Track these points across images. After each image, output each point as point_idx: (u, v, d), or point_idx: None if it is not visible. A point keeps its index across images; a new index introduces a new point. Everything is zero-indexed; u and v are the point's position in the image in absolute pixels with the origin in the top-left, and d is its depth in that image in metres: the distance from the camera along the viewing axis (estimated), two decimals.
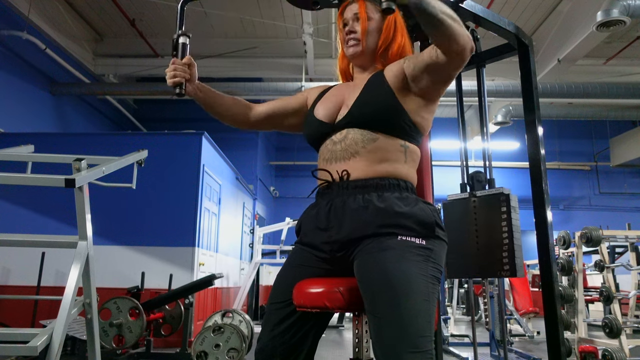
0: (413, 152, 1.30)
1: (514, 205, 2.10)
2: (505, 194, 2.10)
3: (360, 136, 1.26)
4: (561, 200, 10.70)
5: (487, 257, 2.09)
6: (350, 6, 1.39)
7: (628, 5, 5.06)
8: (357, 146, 1.25)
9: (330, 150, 1.30)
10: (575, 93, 7.01)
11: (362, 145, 1.25)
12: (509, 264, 2.01)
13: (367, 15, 1.35)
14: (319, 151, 1.36)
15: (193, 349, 3.14)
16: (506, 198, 2.09)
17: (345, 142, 1.27)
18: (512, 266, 2.00)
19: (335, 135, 1.30)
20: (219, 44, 7.58)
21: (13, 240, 1.93)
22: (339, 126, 1.30)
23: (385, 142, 1.25)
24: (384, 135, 1.25)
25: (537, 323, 6.30)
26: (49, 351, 1.60)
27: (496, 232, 2.07)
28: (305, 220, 1.33)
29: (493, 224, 2.09)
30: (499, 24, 2.04)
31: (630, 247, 4.90)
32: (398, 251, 1.14)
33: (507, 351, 2.46)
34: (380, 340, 1.07)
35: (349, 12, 1.38)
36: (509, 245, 2.03)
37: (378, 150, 1.25)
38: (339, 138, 1.29)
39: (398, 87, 1.27)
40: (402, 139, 1.27)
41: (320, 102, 1.41)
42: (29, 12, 6.01)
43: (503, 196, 2.10)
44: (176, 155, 5.02)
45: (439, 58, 1.17)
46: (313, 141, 1.38)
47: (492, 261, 2.06)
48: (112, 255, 4.67)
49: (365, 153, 1.24)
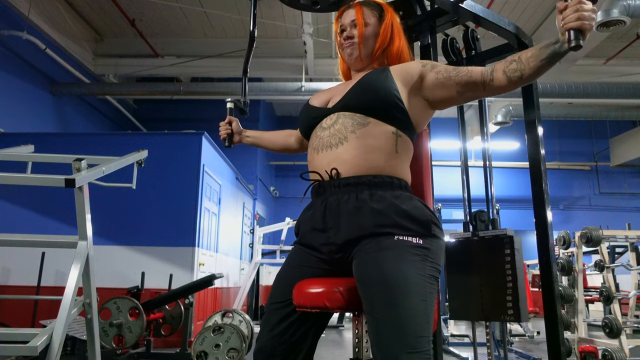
0: (405, 142, 1.28)
1: (518, 247, 2.05)
2: (509, 235, 2.07)
3: (350, 120, 1.26)
4: (561, 200, 10.69)
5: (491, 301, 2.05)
6: (348, 12, 1.41)
7: (628, 5, 5.06)
8: (346, 131, 1.25)
9: (319, 137, 1.30)
10: (575, 93, 7.01)
11: (351, 129, 1.24)
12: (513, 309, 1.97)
13: (364, 21, 1.37)
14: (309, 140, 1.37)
15: (193, 349, 3.14)
16: (510, 240, 2.05)
17: (334, 127, 1.27)
18: (516, 310, 1.96)
19: (326, 121, 1.30)
20: (219, 44, 7.59)
21: (13, 240, 1.92)
22: (332, 110, 1.31)
23: (376, 129, 1.24)
24: (375, 120, 1.25)
25: (537, 323, 6.30)
26: (49, 351, 1.60)
27: (500, 275, 2.03)
28: (303, 221, 1.33)
29: (496, 266, 2.05)
30: (499, 24, 2.04)
31: (630, 247, 4.90)
32: (395, 251, 1.14)
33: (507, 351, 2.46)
34: (378, 341, 1.07)
35: (347, 18, 1.40)
36: (512, 289, 1.98)
37: (367, 136, 1.24)
38: (328, 123, 1.29)
39: (406, 83, 1.28)
40: (395, 127, 1.26)
41: (317, 95, 1.45)
42: (29, 12, 6.01)
43: (507, 238, 2.06)
44: (176, 155, 5.02)
45: (491, 84, 1.20)
46: (306, 130, 1.39)
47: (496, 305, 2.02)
48: (112, 255, 4.67)
49: (353, 139, 1.23)
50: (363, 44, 1.37)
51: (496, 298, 2.03)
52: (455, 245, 2.24)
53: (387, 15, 1.40)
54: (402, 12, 2.06)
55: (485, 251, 2.12)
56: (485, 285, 2.08)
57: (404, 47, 1.41)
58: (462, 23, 2.17)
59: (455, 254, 2.24)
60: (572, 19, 1.03)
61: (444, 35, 2.40)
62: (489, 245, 2.12)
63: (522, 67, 1.14)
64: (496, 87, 1.20)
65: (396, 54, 1.39)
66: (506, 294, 2.00)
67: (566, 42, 1.05)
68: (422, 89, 1.29)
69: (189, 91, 7.39)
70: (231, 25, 7.35)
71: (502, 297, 2.00)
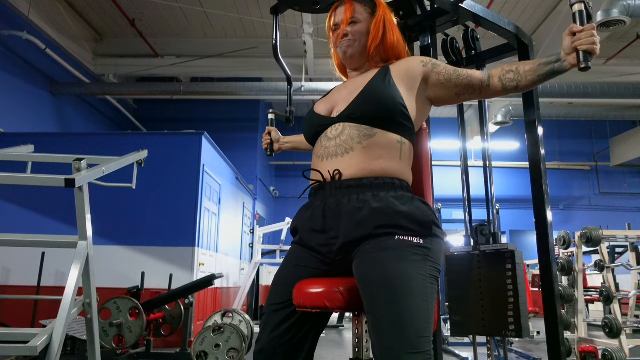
0: (408, 148, 1.30)
1: (519, 262, 2.04)
2: (511, 250, 2.06)
3: (357, 132, 1.25)
4: (561, 200, 10.69)
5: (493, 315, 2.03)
6: (340, 9, 1.40)
7: (628, 5, 5.06)
8: (352, 142, 1.25)
9: (324, 146, 1.29)
10: (575, 93, 7.01)
11: (357, 141, 1.24)
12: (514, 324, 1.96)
13: (355, 18, 1.37)
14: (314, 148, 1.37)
15: (193, 349, 3.14)
16: (511, 255, 2.04)
17: (340, 137, 1.26)
18: (517, 326, 1.95)
19: (331, 131, 1.29)
20: (219, 44, 7.58)
21: (13, 240, 1.92)
22: (337, 119, 1.30)
23: (382, 138, 1.25)
24: (382, 130, 1.25)
25: (537, 323, 6.30)
26: (49, 351, 1.60)
27: (501, 290, 2.02)
28: (300, 221, 1.32)
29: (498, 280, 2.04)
30: (499, 24, 2.04)
31: (630, 247, 4.90)
32: (397, 251, 1.14)
33: (507, 351, 2.46)
34: (380, 341, 1.07)
35: (340, 15, 1.39)
36: (514, 304, 1.97)
37: (374, 146, 1.24)
38: (334, 134, 1.28)
39: (408, 85, 1.28)
40: (400, 135, 1.27)
41: (321, 101, 1.43)
42: (29, 12, 6.01)
43: (508, 253, 2.05)
44: (176, 155, 5.02)
45: (487, 89, 1.29)
46: (311, 137, 1.38)
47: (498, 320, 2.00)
48: (112, 255, 4.67)
49: (360, 149, 1.24)
50: (357, 41, 1.36)
51: (498, 313, 2.01)
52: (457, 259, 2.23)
53: (379, 11, 1.38)
54: (402, 12, 2.06)
55: (486, 266, 2.11)
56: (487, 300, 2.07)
57: (398, 40, 1.40)
58: (462, 23, 2.17)
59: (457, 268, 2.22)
60: (587, 42, 1.10)
61: (444, 35, 2.40)
62: (490, 260, 2.11)
63: (519, 79, 1.24)
64: (491, 92, 1.30)
65: (390, 49, 1.38)
66: (507, 309, 1.99)
67: (572, 61, 1.14)
68: (425, 90, 1.32)
69: (189, 91, 7.39)
70: (231, 25, 7.34)
71: (504, 312, 1.99)
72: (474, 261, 2.16)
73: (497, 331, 2.01)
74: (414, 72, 1.30)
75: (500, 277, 2.03)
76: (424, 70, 1.30)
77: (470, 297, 2.12)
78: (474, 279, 2.13)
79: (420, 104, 1.31)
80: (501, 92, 1.28)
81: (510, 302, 1.99)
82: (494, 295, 2.04)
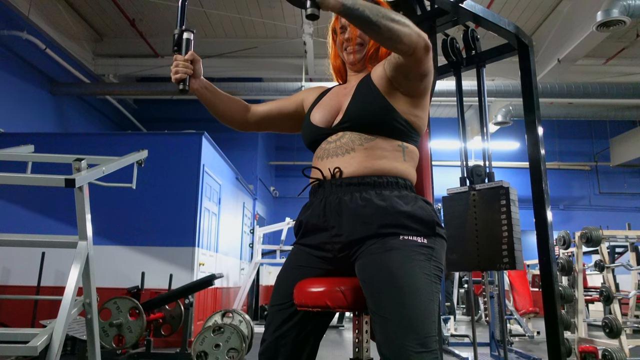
0: (412, 151, 1.30)
1: (513, 198, 2.10)
2: (505, 187, 2.11)
3: (357, 136, 1.25)
4: (561, 200, 10.70)
5: (487, 251, 2.10)
6: None
7: (628, 5, 5.06)
8: (353, 144, 1.24)
9: (323, 148, 1.29)
10: (575, 93, 7.01)
11: (359, 143, 1.24)
12: (508, 257, 2.02)
13: None
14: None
15: (193, 349, 3.14)
16: (505, 191, 2.09)
17: (341, 140, 1.27)
18: (511, 259, 2.01)
19: (331, 137, 1.29)
20: (219, 44, 7.58)
21: (13, 240, 1.93)
22: (335, 130, 1.29)
23: (383, 143, 1.25)
24: (381, 137, 1.25)
25: (537, 323, 6.30)
26: (49, 351, 1.60)
27: (496, 226, 2.08)
28: (302, 220, 1.32)
29: (492, 217, 2.10)
30: (499, 24, 2.04)
31: (630, 247, 4.90)
32: (402, 251, 1.14)
33: (507, 351, 2.46)
34: (388, 341, 1.07)
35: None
36: (508, 238, 2.03)
37: (376, 148, 1.24)
38: (334, 139, 1.28)
39: (385, 88, 1.25)
40: (400, 140, 1.26)
41: (316, 106, 1.39)
42: (29, 12, 6.01)
43: (502, 189, 2.10)
44: (176, 155, 5.02)
45: (398, 59, 1.19)
46: (311, 146, 1.38)
47: (492, 254, 2.07)
48: (112, 255, 4.67)
49: (361, 150, 1.24)
50: (365, 45, 1.34)
51: (492, 248, 2.07)
52: (453, 199, 2.27)
53: None
54: (402, 12, 2.06)
55: (481, 203, 2.17)
56: (482, 236, 2.13)
57: None
58: (462, 23, 2.17)
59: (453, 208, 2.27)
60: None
61: (444, 35, 2.40)
62: (485, 198, 2.16)
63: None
64: (400, 59, 1.18)
65: (385, 52, 1.34)
66: (502, 243, 2.04)
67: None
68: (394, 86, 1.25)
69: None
70: (231, 25, 7.35)
71: (498, 246, 2.05)
72: (469, 200, 2.20)
73: (491, 265, 2.07)
74: (382, 74, 1.27)
75: (495, 214, 2.09)
76: (385, 69, 1.26)
77: (466, 233, 2.17)
78: (469, 217, 2.18)
79: (406, 101, 1.26)
80: (399, 55, 1.17)
81: (505, 237, 2.04)
82: (488, 231, 2.10)
